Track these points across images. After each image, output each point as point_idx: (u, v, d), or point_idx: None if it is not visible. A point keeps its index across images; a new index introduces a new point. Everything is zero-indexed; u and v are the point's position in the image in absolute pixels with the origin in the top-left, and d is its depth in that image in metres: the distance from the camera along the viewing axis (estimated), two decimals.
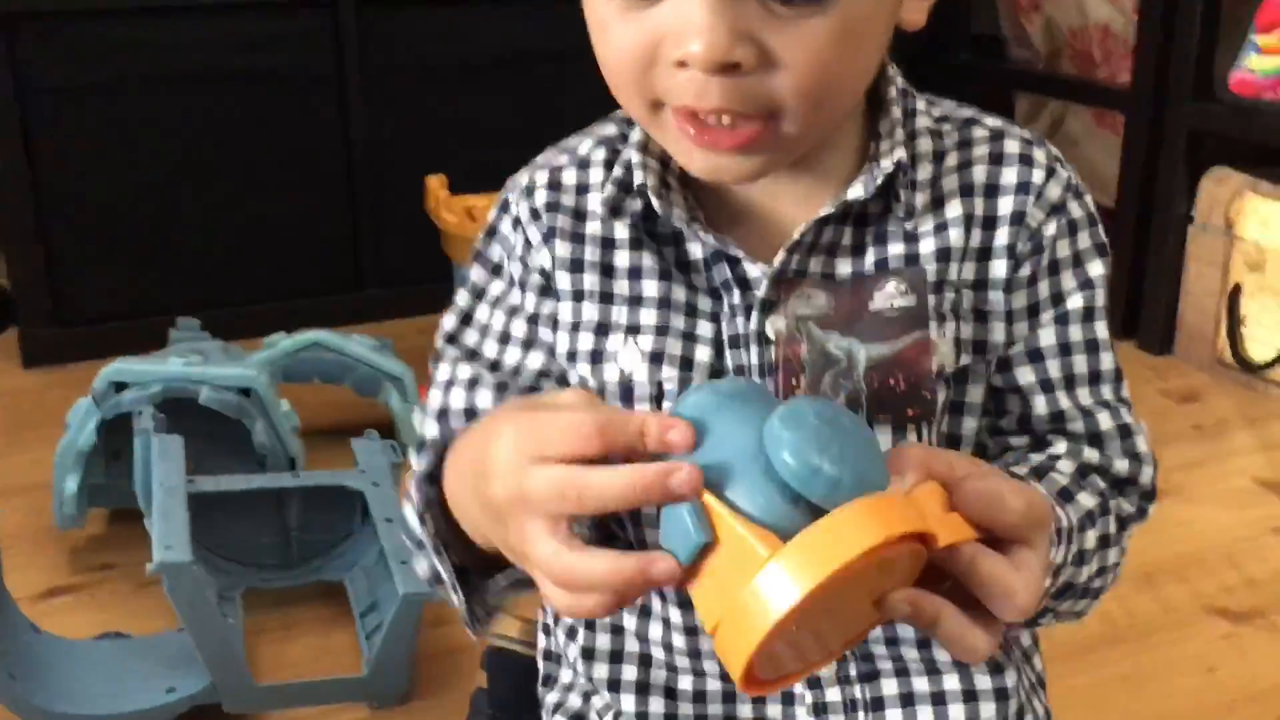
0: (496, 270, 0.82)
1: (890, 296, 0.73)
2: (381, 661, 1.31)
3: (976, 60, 2.53)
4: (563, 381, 0.81)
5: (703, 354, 0.75)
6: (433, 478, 0.69)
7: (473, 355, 0.81)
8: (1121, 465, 0.77)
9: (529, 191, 0.81)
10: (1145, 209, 2.22)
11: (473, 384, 0.80)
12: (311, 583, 1.53)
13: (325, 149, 2.25)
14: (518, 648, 1.18)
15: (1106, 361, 0.77)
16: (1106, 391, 0.77)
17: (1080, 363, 0.76)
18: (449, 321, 0.84)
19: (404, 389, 1.83)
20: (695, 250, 0.76)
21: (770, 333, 0.74)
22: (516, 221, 0.82)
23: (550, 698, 0.91)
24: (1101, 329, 0.77)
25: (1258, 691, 1.36)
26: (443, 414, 0.79)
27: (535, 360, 0.80)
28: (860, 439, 0.56)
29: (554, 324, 0.79)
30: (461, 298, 0.83)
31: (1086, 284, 0.76)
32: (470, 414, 0.79)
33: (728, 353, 0.75)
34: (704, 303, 0.76)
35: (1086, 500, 0.73)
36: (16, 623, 1.28)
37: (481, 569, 0.69)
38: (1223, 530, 1.67)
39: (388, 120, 2.25)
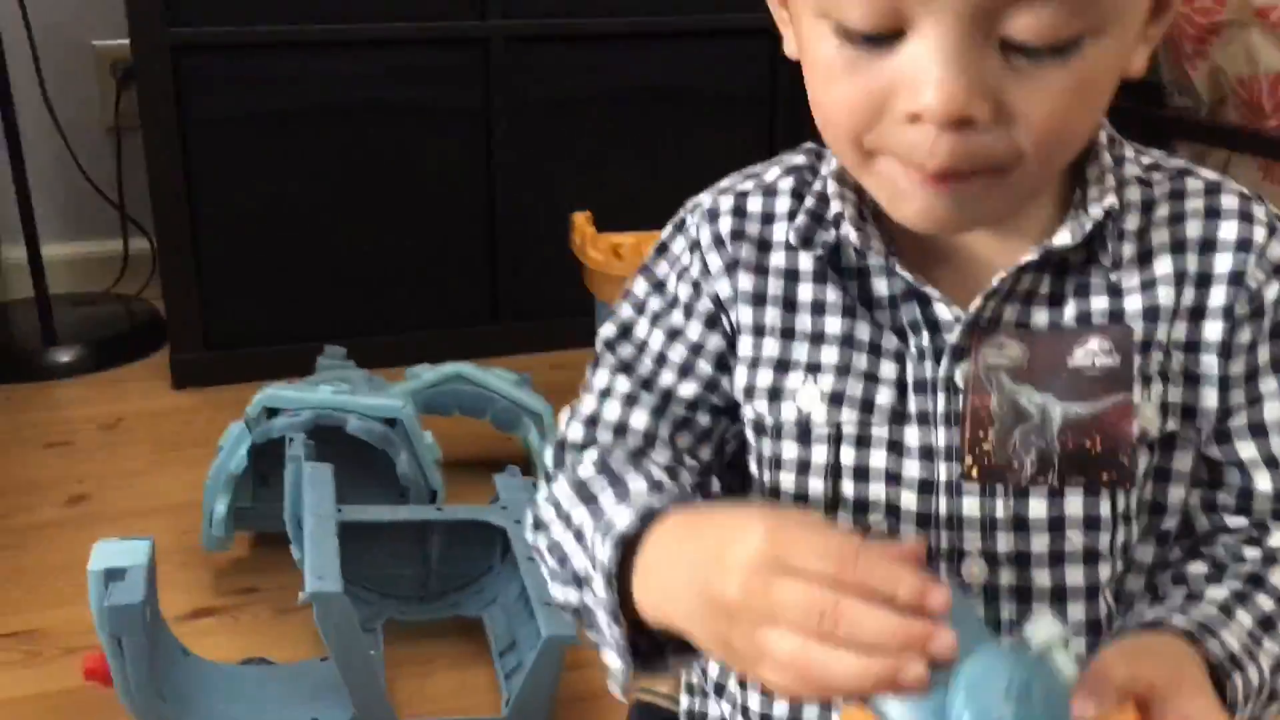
0: (660, 287, 0.80)
1: (1092, 354, 0.69)
2: (522, 703, 1.29)
3: (1135, 106, 2.45)
4: (715, 414, 0.78)
5: (884, 397, 0.72)
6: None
7: (629, 369, 0.79)
8: None
9: (712, 216, 0.78)
10: None
11: (630, 400, 0.78)
12: (449, 617, 1.52)
13: (469, 182, 2.27)
14: (665, 703, 1.15)
15: None
16: None
17: None
18: (608, 330, 0.81)
19: (542, 425, 1.83)
20: (882, 287, 0.73)
21: (959, 381, 0.71)
22: (695, 245, 0.79)
23: None
24: None
25: None
26: (593, 421, 0.78)
27: (688, 389, 0.78)
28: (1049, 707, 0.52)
29: (716, 359, 0.77)
30: (624, 309, 0.81)
31: None
32: (621, 430, 0.77)
33: (912, 398, 0.72)
34: (889, 341, 0.73)
35: (1265, 603, 0.68)
36: (169, 645, 1.29)
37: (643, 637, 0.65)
38: None
39: (530, 154, 2.27)
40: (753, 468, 0.79)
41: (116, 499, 1.82)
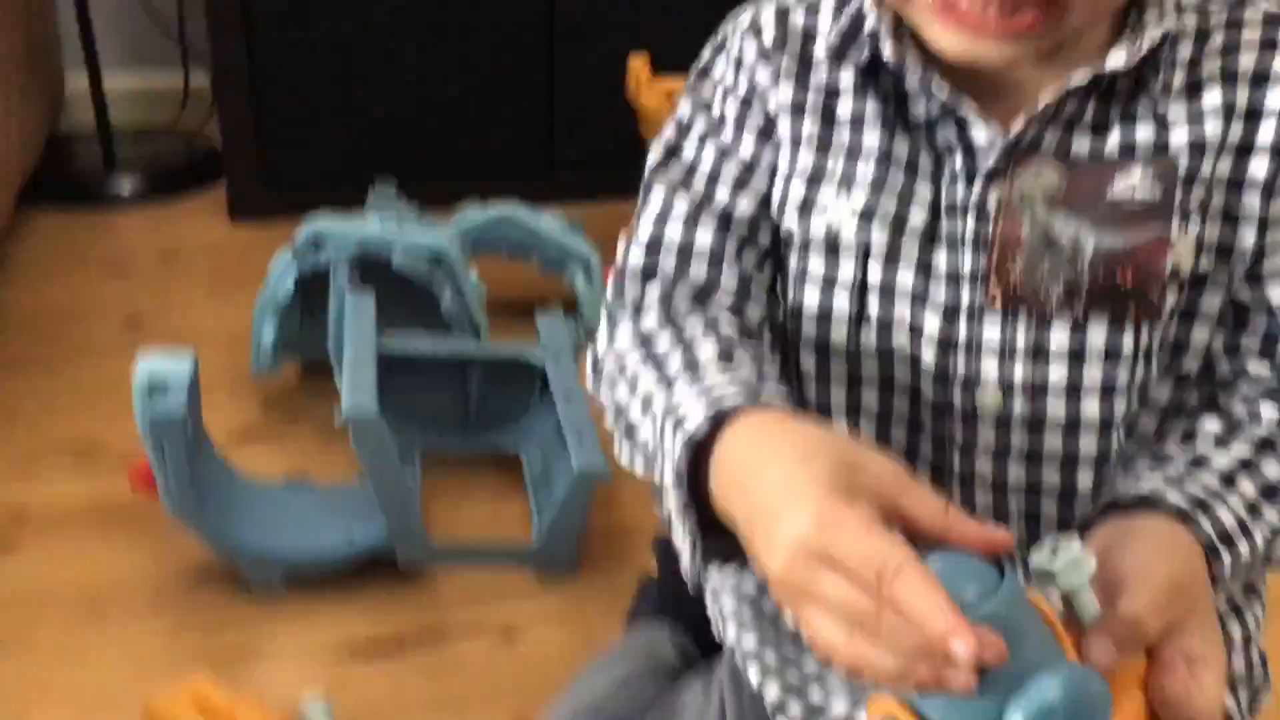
0: (706, 108, 0.78)
1: (1133, 186, 0.67)
2: (552, 533, 1.32)
3: None
4: (775, 233, 0.76)
5: (917, 217, 0.70)
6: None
7: (684, 188, 0.76)
8: None
9: (756, 31, 0.76)
10: None
11: (693, 219, 0.75)
12: (488, 451, 1.55)
13: (528, 25, 2.23)
14: None
15: None
16: None
17: None
18: (654, 154, 0.78)
19: (590, 271, 1.82)
20: (919, 108, 0.71)
21: (991, 205, 0.69)
22: (739, 62, 0.77)
23: (713, 580, 0.89)
24: None
25: None
26: (654, 245, 0.75)
27: (745, 205, 0.76)
28: None
29: (771, 173, 0.75)
30: (668, 132, 0.79)
31: None
32: (685, 252, 0.75)
33: (943, 220, 0.70)
34: (925, 162, 0.71)
35: (1272, 471, 0.66)
36: (211, 459, 1.33)
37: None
38: None
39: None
40: (779, 284, 0.77)
41: (170, 325, 1.86)
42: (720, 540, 0.63)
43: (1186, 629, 0.55)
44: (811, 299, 0.74)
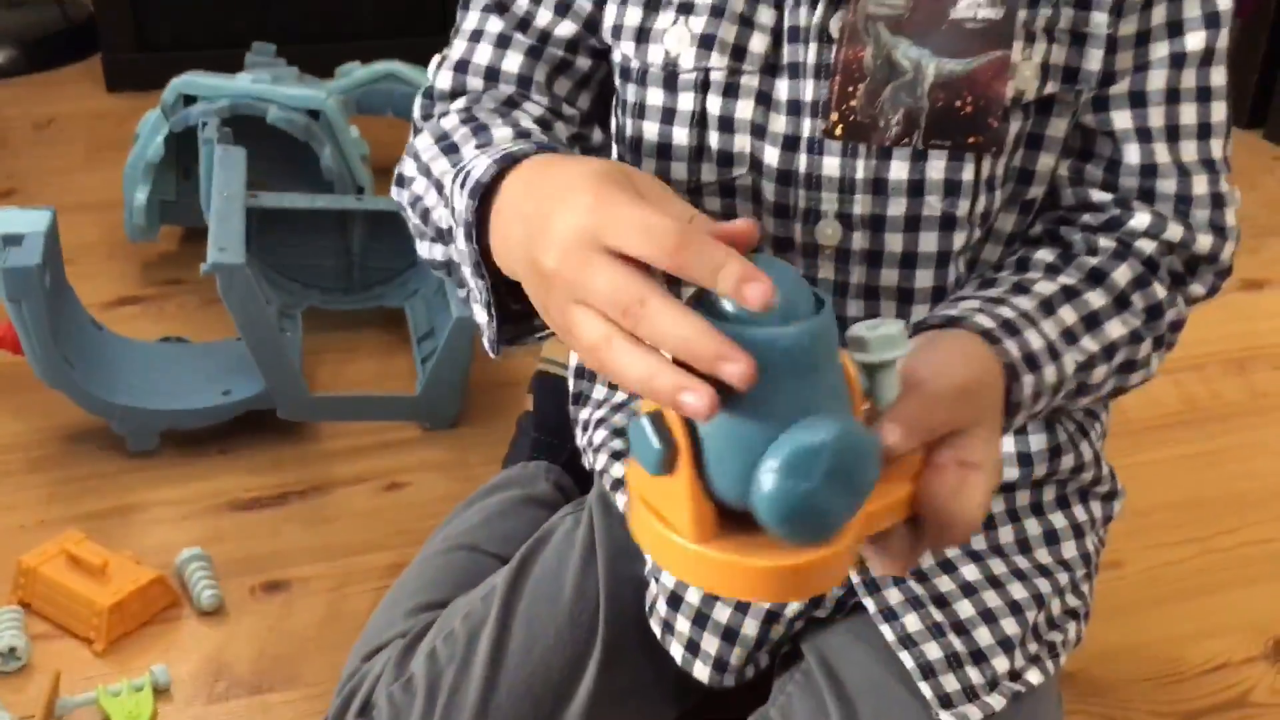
0: None
1: (976, 5, 0.64)
2: (434, 382, 1.31)
3: None
4: (596, 57, 0.74)
5: (758, 44, 0.68)
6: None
7: (502, 8, 0.74)
8: (1205, 241, 0.69)
9: None
10: None
11: (503, 41, 0.73)
12: (373, 308, 1.52)
13: None
14: (563, 372, 1.16)
15: (1218, 113, 0.68)
16: (1213, 149, 0.69)
17: (1189, 112, 0.68)
18: None
19: None
20: None
21: (834, 30, 0.66)
22: None
23: (583, 414, 0.89)
24: (1219, 75, 0.68)
25: None
26: (462, 66, 0.74)
27: (566, 28, 0.73)
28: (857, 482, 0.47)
29: None
30: None
31: (1213, 19, 0.66)
32: (493, 74, 0.73)
33: (785, 47, 0.68)
34: None
35: (1096, 300, 0.65)
36: (77, 316, 1.29)
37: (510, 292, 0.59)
38: None
39: None
40: (615, 116, 0.75)
41: (46, 194, 1.79)
42: (521, 324, 0.61)
43: (968, 436, 0.53)
44: (650, 132, 0.72)
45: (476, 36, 0.74)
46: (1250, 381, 1.46)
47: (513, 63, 0.73)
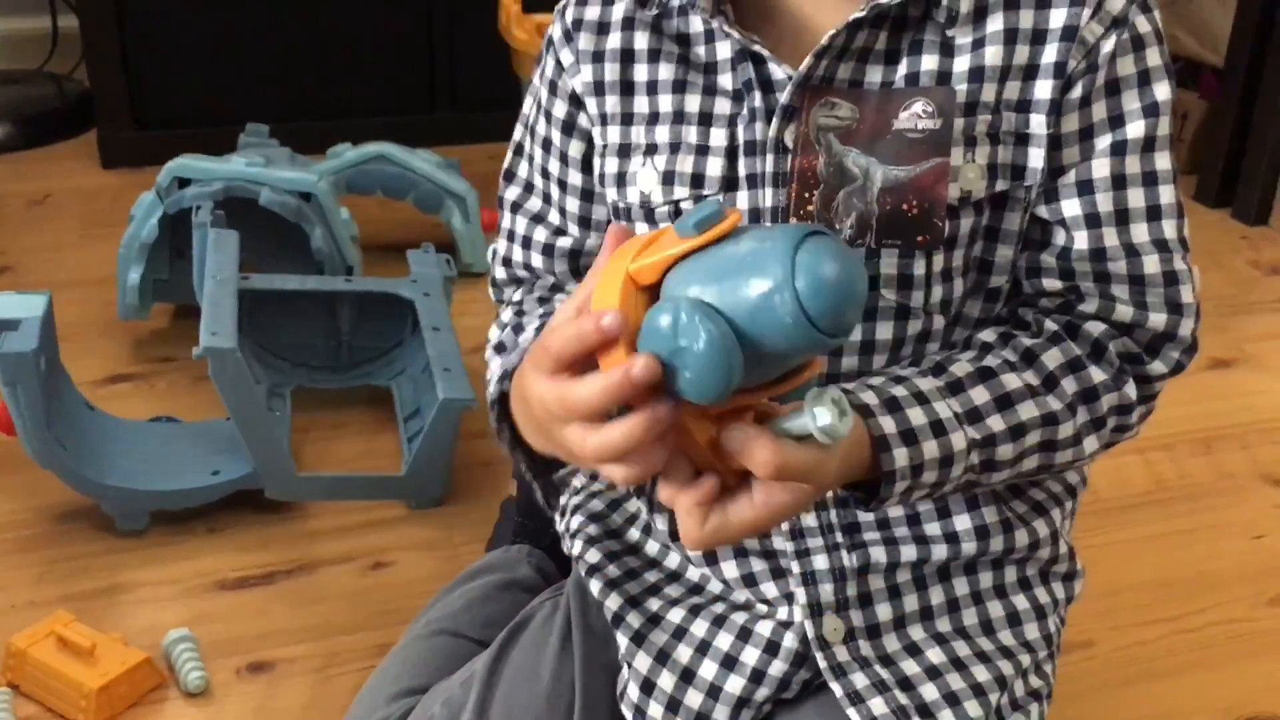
0: (536, 93, 0.83)
1: (915, 116, 0.69)
2: (419, 463, 1.33)
3: None
4: (616, 213, 0.81)
5: (714, 167, 0.73)
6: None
7: (529, 188, 0.84)
8: (1159, 319, 0.73)
9: (562, 10, 0.79)
10: (1256, 70, 2.10)
11: (526, 243, 0.84)
12: (360, 387, 1.55)
13: None
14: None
15: (1166, 195, 0.72)
16: (1165, 229, 0.72)
17: (1136, 196, 0.71)
18: (507, 160, 0.86)
19: (466, 209, 1.83)
20: (723, 50, 0.73)
21: (789, 141, 0.71)
22: (550, 43, 0.80)
23: (561, 500, 0.91)
24: (1163, 160, 0.72)
25: None
26: (506, 262, 0.86)
27: (572, 203, 0.82)
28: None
29: (583, 164, 0.80)
30: (517, 131, 0.85)
31: (1151, 109, 0.71)
32: (530, 268, 0.85)
33: (741, 160, 0.73)
34: (721, 106, 0.73)
35: (1013, 381, 0.69)
36: (70, 397, 1.31)
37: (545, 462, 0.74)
38: None
39: None
40: None
41: (40, 271, 1.82)
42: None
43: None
44: None
45: (512, 235, 0.85)
46: (1217, 461, 1.49)
47: (537, 261, 0.84)
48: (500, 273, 0.87)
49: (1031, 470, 0.72)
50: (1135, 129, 0.71)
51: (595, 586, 0.84)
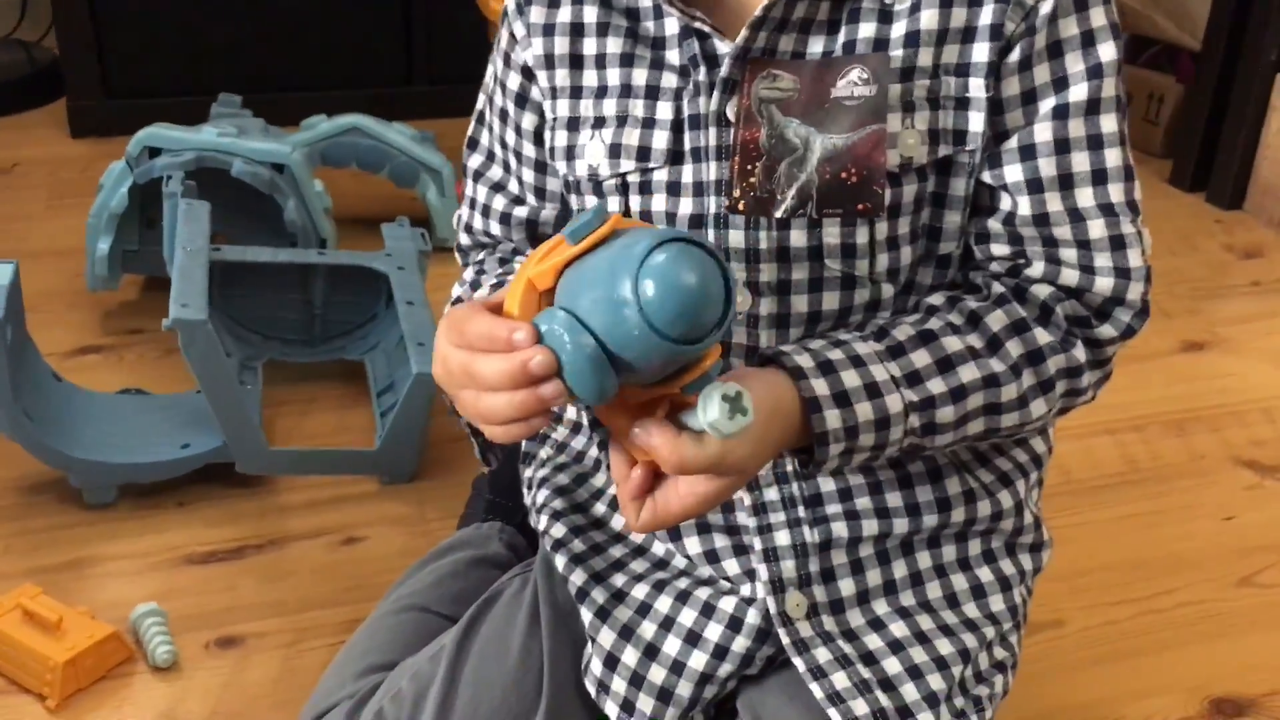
0: (493, 62, 0.82)
1: (852, 84, 0.69)
2: (393, 437, 1.32)
3: None
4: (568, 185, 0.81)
5: (659, 140, 0.73)
6: None
7: (490, 156, 0.84)
8: (1105, 283, 0.72)
9: None
10: (1232, 54, 2.10)
11: (486, 211, 0.85)
12: (333, 360, 1.54)
13: None
14: None
15: (1113, 159, 0.71)
16: (1111, 193, 0.71)
17: (1080, 160, 0.71)
18: (471, 123, 0.86)
19: (441, 182, 1.81)
20: (671, 25, 0.73)
21: (730, 115, 0.71)
22: (505, 14, 0.79)
23: (528, 473, 0.91)
24: (1109, 122, 0.71)
25: (1273, 542, 1.33)
26: (468, 228, 0.87)
27: (528, 174, 0.82)
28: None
29: (535, 136, 0.80)
30: (479, 100, 0.85)
31: (1095, 70, 0.70)
32: (492, 235, 0.85)
33: (686, 134, 0.73)
34: (668, 80, 0.73)
35: (954, 344, 0.69)
36: (36, 368, 1.30)
37: None
38: (1264, 386, 1.62)
39: None
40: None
41: (7, 241, 1.80)
42: None
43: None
44: None
45: (474, 202, 0.86)
46: (1189, 443, 1.50)
47: (495, 229, 0.85)
48: (464, 239, 0.88)
49: (978, 434, 0.71)
50: (1078, 91, 0.70)
51: (560, 562, 0.83)
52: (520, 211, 0.83)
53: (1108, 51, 0.70)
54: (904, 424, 0.68)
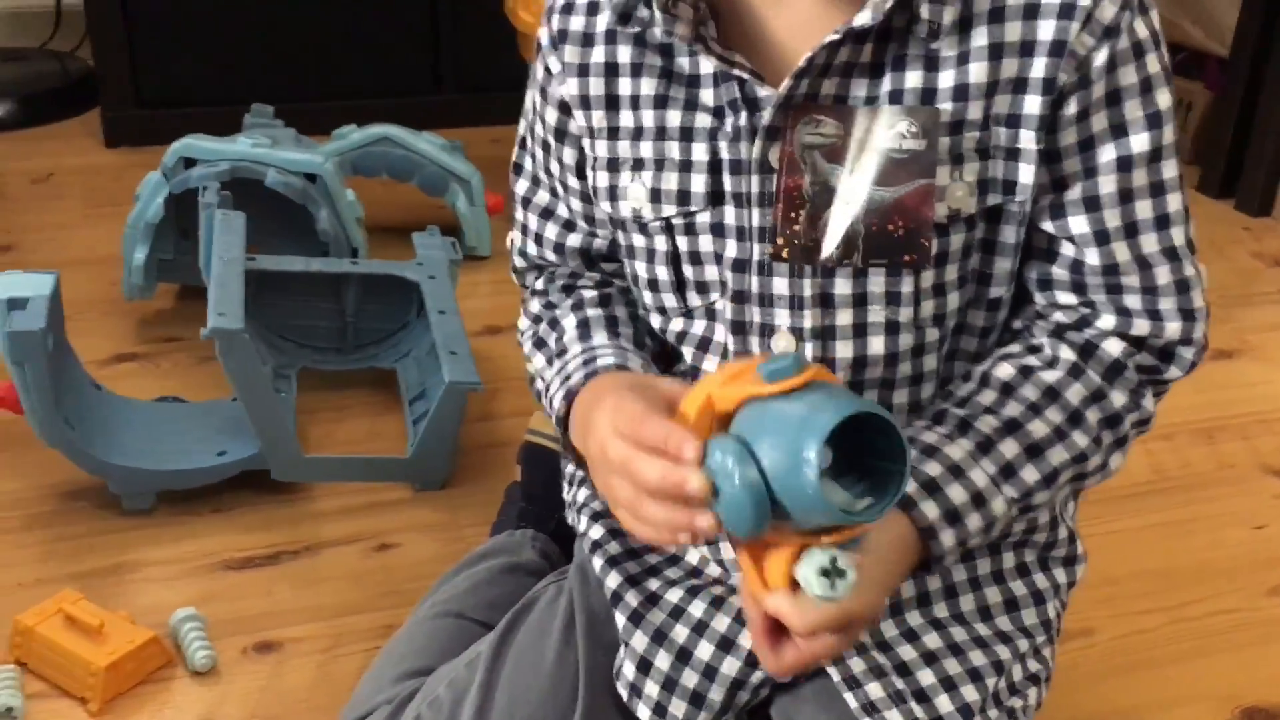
0: (533, 106, 0.83)
1: (900, 136, 0.69)
2: (424, 444, 1.34)
3: None
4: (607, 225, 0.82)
5: (698, 184, 0.74)
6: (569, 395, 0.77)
7: (536, 182, 0.85)
8: (1174, 328, 0.74)
9: (549, 14, 0.78)
10: (1261, 61, 2.09)
11: (539, 240, 0.86)
12: (365, 369, 1.55)
13: None
14: (551, 444, 1.20)
15: (1174, 203, 0.72)
16: (1174, 236, 0.72)
17: (1144, 208, 0.71)
18: (515, 152, 0.87)
19: (470, 191, 1.83)
20: (706, 64, 0.73)
21: (773, 161, 0.71)
22: (537, 46, 0.80)
23: (569, 468, 0.92)
24: (1170, 168, 0.71)
25: None
26: (523, 254, 0.88)
27: (575, 203, 0.83)
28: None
29: (577, 169, 0.81)
30: (521, 124, 0.86)
31: (1155, 119, 0.70)
32: (547, 259, 0.87)
33: (727, 179, 0.73)
34: (701, 120, 0.73)
35: (1040, 428, 0.71)
36: (77, 377, 1.32)
37: None
38: None
39: None
40: (622, 259, 0.82)
41: (43, 250, 1.82)
42: None
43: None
44: (641, 270, 0.79)
45: (525, 229, 0.87)
46: (1218, 451, 1.50)
47: (551, 255, 0.86)
48: (519, 261, 0.89)
49: (1064, 497, 0.76)
50: (1140, 142, 0.70)
51: (597, 563, 0.84)
52: (574, 240, 0.84)
53: (1164, 98, 0.70)
54: (1006, 517, 0.70)
